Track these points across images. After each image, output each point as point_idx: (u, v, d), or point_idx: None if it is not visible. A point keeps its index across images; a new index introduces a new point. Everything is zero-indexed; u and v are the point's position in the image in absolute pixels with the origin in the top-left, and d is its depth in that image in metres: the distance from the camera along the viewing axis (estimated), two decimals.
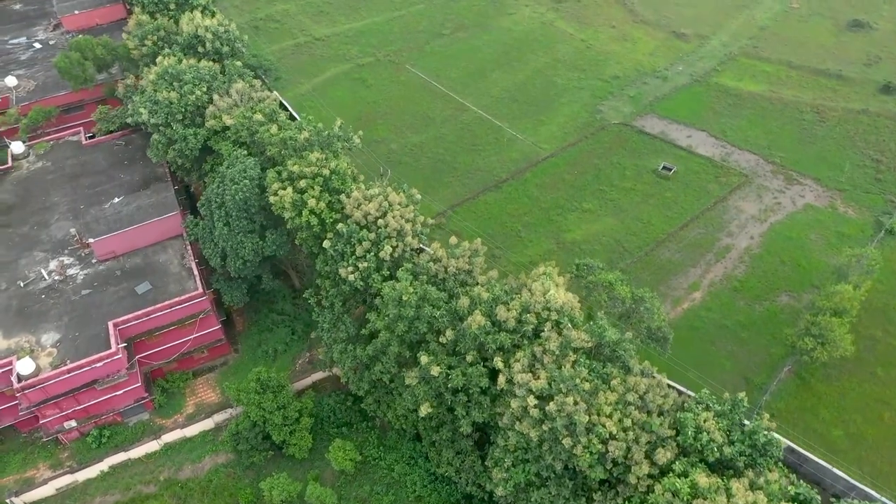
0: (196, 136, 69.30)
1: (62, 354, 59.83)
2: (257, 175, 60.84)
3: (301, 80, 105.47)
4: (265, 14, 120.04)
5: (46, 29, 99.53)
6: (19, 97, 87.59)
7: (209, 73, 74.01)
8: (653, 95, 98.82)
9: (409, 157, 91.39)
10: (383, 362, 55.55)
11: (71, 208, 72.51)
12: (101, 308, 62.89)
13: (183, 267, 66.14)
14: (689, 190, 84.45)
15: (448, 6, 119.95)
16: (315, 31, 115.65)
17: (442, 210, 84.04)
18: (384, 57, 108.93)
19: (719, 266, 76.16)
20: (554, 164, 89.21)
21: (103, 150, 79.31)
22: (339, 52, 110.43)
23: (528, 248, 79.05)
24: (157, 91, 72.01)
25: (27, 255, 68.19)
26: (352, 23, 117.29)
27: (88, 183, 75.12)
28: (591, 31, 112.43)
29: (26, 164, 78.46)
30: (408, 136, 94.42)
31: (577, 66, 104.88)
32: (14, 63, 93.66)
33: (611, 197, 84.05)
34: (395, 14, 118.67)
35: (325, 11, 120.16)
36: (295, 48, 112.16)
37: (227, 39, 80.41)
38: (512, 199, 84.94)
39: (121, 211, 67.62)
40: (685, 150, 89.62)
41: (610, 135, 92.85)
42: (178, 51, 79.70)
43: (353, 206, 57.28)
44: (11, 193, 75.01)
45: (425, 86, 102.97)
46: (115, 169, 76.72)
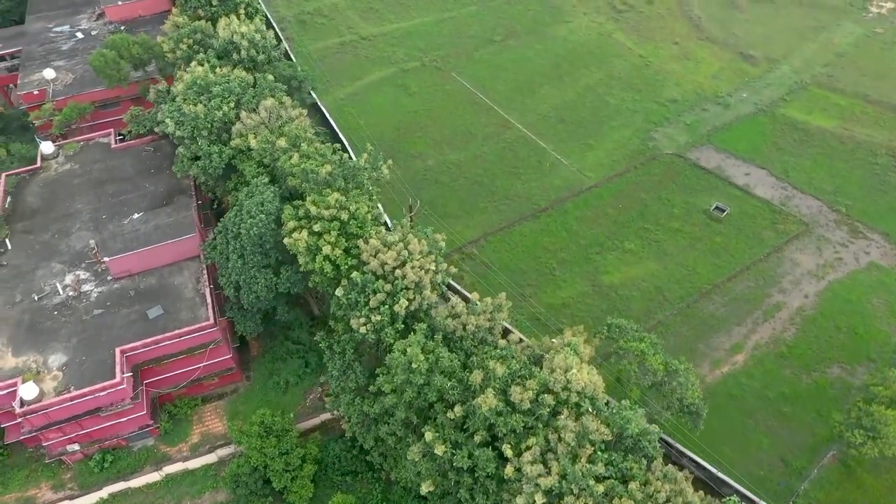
0: (221, 154, 66.62)
1: (67, 379, 58.46)
2: (275, 209, 57.80)
3: (342, 83, 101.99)
4: (314, 8, 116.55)
5: (90, 18, 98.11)
6: (56, 91, 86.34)
7: (240, 85, 71.02)
8: (712, 124, 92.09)
9: (445, 175, 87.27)
10: (390, 423, 52.36)
11: (93, 217, 70.99)
12: (111, 331, 61.27)
13: (197, 292, 63.97)
14: (741, 236, 78.32)
15: (502, 10, 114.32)
16: (362, 29, 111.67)
17: (475, 238, 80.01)
18: (430, 62, 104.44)
19: (767, 326, 70.40)
20: (598, 195, 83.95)
21: (131, 155, 77.50)
22: (384, 55, 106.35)
23: (561, 289, 74.53)
24: (185, 101, 69.47)
25: (45, 266, 67.00)
26: (400, 22, 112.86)
27: (112, 191, 73.45)
28: (652, 46, 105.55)
29: (55, 166, 77.27)
30: (446, 152, 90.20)
31: (632, 86, 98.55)
32: (55, 53, 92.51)
33: (655, 237, 78.55)
34: (446, 15, 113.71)
35: (374, 8, 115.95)
36: (340, 47, 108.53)
37: (262, 47, 77.17)
38: (549, 231, 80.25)
39: (139, 229, 65.68)
40: (741, 190, 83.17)
41: (661, 166, 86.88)
42: (212, 56, 76.90)
43: (370, 254, 53.74)
44: (37, 196, 73.92)
45: (470, 97, 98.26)
46: (141, 177, 74.85)
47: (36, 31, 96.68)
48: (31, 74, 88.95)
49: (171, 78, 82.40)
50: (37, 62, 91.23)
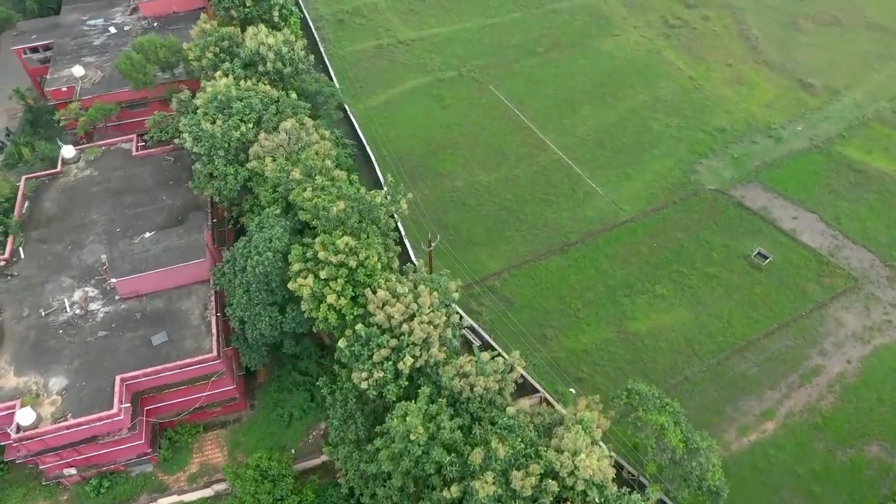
0: (236, 175, 64.21)
1: (66, 405, 57.24)
2: (283, 246, 55.16)
3: (375, 90, 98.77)
4: (352, 7, 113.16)
5: (124, 12, 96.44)
6: (83, 89, 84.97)
7: (262, 102, 68.34)
8: (761, 159, 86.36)
9: (473, 198, 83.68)
10: (387, 487, 49.75)
11: (107, 230, 69.51)
12: (114, 356, 59.82)
13: (203, 320, 62.04)
14: (783, 288, 73.21)
15: (547, 18, 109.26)
16: (400, 32, 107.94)
17: (498, 269, 76.57)
18: (468, 72, 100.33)
19: (803, 392, 65.68)
20: (632, 230, 79.46)
21: (152, 164, 75.72)
22: (420, 61, 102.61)
23: (584, 333, 70.75)
24: (205, 116, 67.13)
25: (55, 280, 65.84)
26: (440, 27, 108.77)
27: (129, 202, 71.82)
28: (703, 67, 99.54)
29: (75, 171, 75.98)
30: (477, 173, 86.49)
31: (678, 110, 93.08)
32: (86, 48, 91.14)
33: (690, 283, 73.95)
34: (488, 21, 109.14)
35: (414, 10, 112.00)
36: (376, 50, 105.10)
37: (289, 59, 74.20)
38: (577, 267, 76.26)
39: (149, 249, 63.87)
40: (787, 235, 77.77)
41: (702, 203, 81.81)
42: (238, 66, 74.31)
43: (377, 306, 50.77)
44: (55, 203, 72.76)
45: (506, 113, 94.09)
46: (159, 188, 73.07)
47: (70, 23, 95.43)
48: (60, 70, 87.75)
49: (198, 81, 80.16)
50: (68, 57, 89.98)
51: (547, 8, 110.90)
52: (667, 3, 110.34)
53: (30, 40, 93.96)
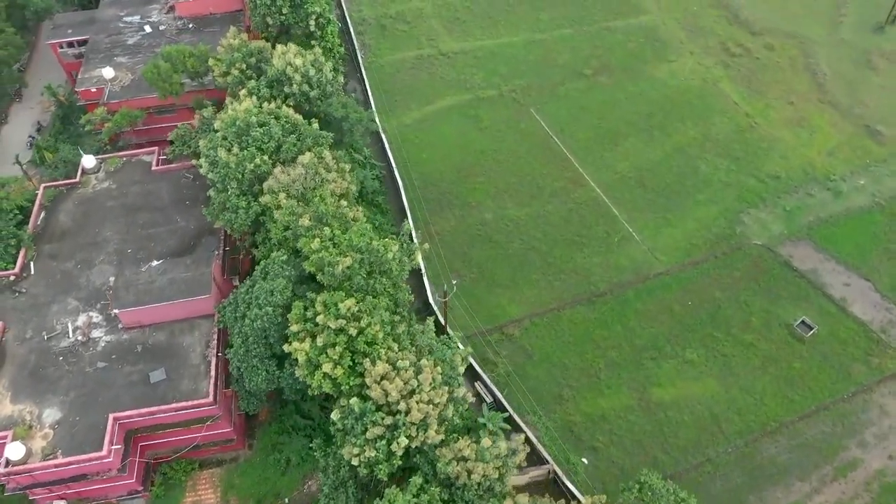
0: (248, 210, 61.46)
1: (57, 440, 55.89)
2: (284, 300, 52.32)
3: (411, 106, 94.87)
4: (396, 11, 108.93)
5: (161, 10, 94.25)
6: (112, 92, 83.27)
7: (283, 129, 65.25)
8: (815, 214, 79.91)
9: (501, 234, 79.57)
10: None
11: (118, 250, 67.80)
12: (110, 391, 58.19)
13: (204, 359, 59.91)
14: (825, 364, 67.57)
15: (599, 37, 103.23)
16: (444, 42, 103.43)
17: (519, 316, 72.66)
18: (508, 92, 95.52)
19: (835, 488, 60.51)
20: (666, 284, 74.45)
21: (170, 180, 73.61)
22: (461, 77, 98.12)
23: (603, 396, 66.57)
24: (222, 142, 64.44)
25: (61, 301, 64.48)
26: (486, 39, 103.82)
27: (144, 221, 69.92)
28: (762, 103, 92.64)
29: (94, 182, 74.38)
30: (507, 206, 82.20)
31: (730, 151, 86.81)
32: (119, 47, 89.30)
33: (723, 350, 68.86)
34: (537, 36, 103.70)
35: (461, 19, 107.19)
36: (416, 61, 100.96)
37: (317, 82, 70.77)
38: (603, 322, 71.79)
39: (154, 280, 61.87)
40: (836, 305, 71.76)
41: (746, 259, 76.11)
42: (264, 85, 71.29)
43: (374, 380, 47.54)
44: (70, 216, 71.35)
45: (544, 141, 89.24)
46: (174, 208, 70.96)
47: (107, 18, 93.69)
48: (92, 69, 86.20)
49: (226, 92, 77.56)
50: (100, 55, 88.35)
51: (601, 26, 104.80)
52: (729, 29, 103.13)
53: (66, 35, 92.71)
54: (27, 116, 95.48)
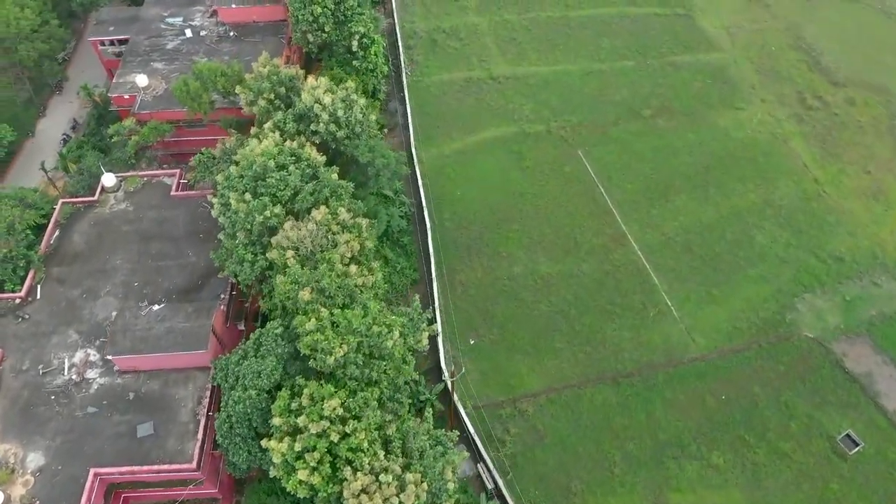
0: (253, 264, 58.13)
1: (36, 489, 54.24)
2: (272, 384, 48.91)
3: (452, 134, 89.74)
4: (450, 25, 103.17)
5: (205, 13, 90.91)
6: (143, 102, 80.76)
7: (303, 174, 61.43)
8: (879, 308, 72.10)
9: (528, 292, 74.48)
10: None
11: (125, 281, 65.61)
12: (96, 440, 56.25)
13: (194, 417, 57.37)
14: (867, 489, 60.91)
15: (663, 73, 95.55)
16: (496, 65, 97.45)
17: (535, 390, 67.91)
18: (557, 129, 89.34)
19: None
20: (700, 372, 68.37)
21: (187, 208, 70.83)
22: (509, 106, 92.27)
23: (615, 495, 61.64)
24: (240, 179, 61.07)
25: (62, 332, 62.71)
26: (541, 64, 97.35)
27: (155, 251, 67.45)
28: (835, 168, 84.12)
29: (111, 202, 72.18)
30: (539, 260, 76.87)
31: (792, 222, 79.12)
32: (157, 51, 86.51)
33: (754, 457, 62.78)
34: (596, 66, 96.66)
35: (517, 39, 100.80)
36: (464, 84, 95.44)
37: (345, 122, 66.40)
38: (626, 407, 66.42)
39: (152, 327, 59.29)
40: (889, 420, 64.61)
41: (793, 353, 69.24)
42: (290, 119, 67.39)
43: (352, 494, 43.78)
44: (84, 237, 69.38)
45: (589, 190, 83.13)
46: (188, 240, 68.23)
47: (149, 18, 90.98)
48: (127, 74, 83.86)
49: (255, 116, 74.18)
50: (138, 59, 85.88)
51: (666, 60, 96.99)
52: (808, 76, 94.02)
53: (107, 32, 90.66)
54: (65, 111, 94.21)
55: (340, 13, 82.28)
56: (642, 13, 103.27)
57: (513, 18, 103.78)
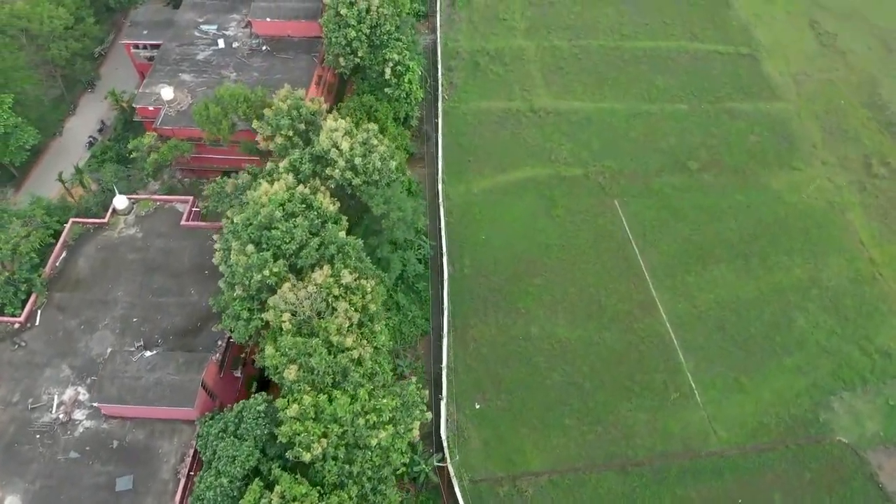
0: (248, 323, 55.42)
1: None
2: (245, 471, 46.19)
3: (484, 171, 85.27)
4: (496, 48, 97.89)
5: (240, 23, 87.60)
6: (167, 117, 78.30)
7: (311, 224, 58.19)
8: None
9: (543, 357, 70.35)
10: None
11: (124, 316, 63.66)
12: (74, 489, 54.59)
13: (174, 475, 55.24)
14: None
15: (717, 121, 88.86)
16: (538, 96, 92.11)
17: (538, 470, 64.11)
18: (595, 174, 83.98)
19: None
20: (717, 469, 63.52)
21: (196, 240, 68.30)
22: (547, 144, 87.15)
23: None
24: (246, 228, 58.18)
25: (56, 365, 61.15)
26: (586, 99, 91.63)
27: (158, 285, 65.27)
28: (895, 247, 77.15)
29: (122, 225, 70.13)
30: (559, 322, 72.46)
31: (839, 306, 72.74)
32: (187, 61, 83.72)
33: None
34: (644, 107, 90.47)
35: (564, 69, 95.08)
36: (502, 115, 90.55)
37: (362, 169, 62.62)
38: (631, 501, 62.11)
39: (141, 377, 57.05)
40: None
41: (823, 459, 63.72)
42: (307, 159, 64.07)
43: None
44: (90, 262, 67.54)
45: (621, 248, 77.95)
46: (191, 277, 65.79)
47: (184, 23, 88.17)
48: (154, 84, 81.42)
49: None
50: (167, 68, 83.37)
51: (723, 106, 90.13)
52: (877, 138, 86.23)
53: (140, 35, 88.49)
54: (95, 110, 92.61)
55: (376, 37, 78.26)
56: (703, 50, 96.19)
57: (562, 45, 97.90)
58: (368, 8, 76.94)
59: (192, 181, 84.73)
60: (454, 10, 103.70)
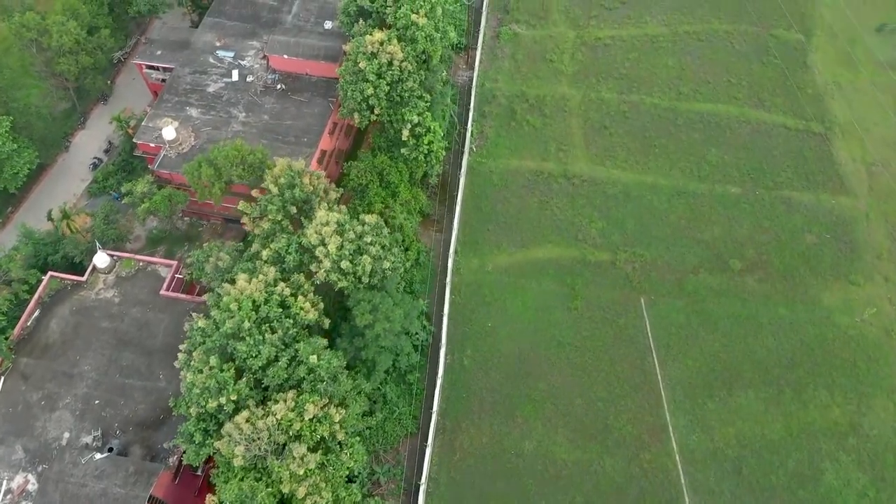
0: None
1: None
2: None
3: (502, 245, 78.07)
4: (536, 94, 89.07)
5: (258, 52, 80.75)
6: (166, 159, 72.91)
7: (285, 335, 52.66)
8: None
9: (534, 480, 64.34)
10: None
11: (87, 395, 59.60)
12: None
13: None
14: None
15: (772, 211, 78.94)
16: (574, 159, 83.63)
17: None
18: (624, 262, 75.94)
19: None
20: None
21: (173, 313, 63.44)
22: (575, 221, 79.12)
23: None
24: (209, 337, 53.10)
25: (10, 445, 57.62)
26: (627, 168, 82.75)
27: (126, 364, 60.83)
28: None
29: (100, 285, 65.76)
30: (557, 440, 66.01)
31: (877, 463, 64.16)
32: (196, 93, 77.57)
33: None
34: (692, 186, 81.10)
35: (608, 128, 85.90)
36: (532, 178, 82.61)
37: (350, 272, 56.25)
38: None
39: (86, 485, 53.08)
40: None
41: None
42: (294, 248, 58.13)
43: None
44: (62, 325, 63.42)
45: (640, 358, 70.37)
46: (163, 358, 60.98)
47: (200, 46, 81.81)
48: (159, 117, 75.91)
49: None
50: (175, 99, 77.69)
51: (780, 194, 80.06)
52: None
53: (153, 56, 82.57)
54: (105, 127, 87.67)
55: (396, 94, 70.90)
56: (768, 121, 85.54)
57: (611, 98, 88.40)
58: (391, 61, 69.47)
59: (191, 221, 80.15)
60: (498, 44, 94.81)
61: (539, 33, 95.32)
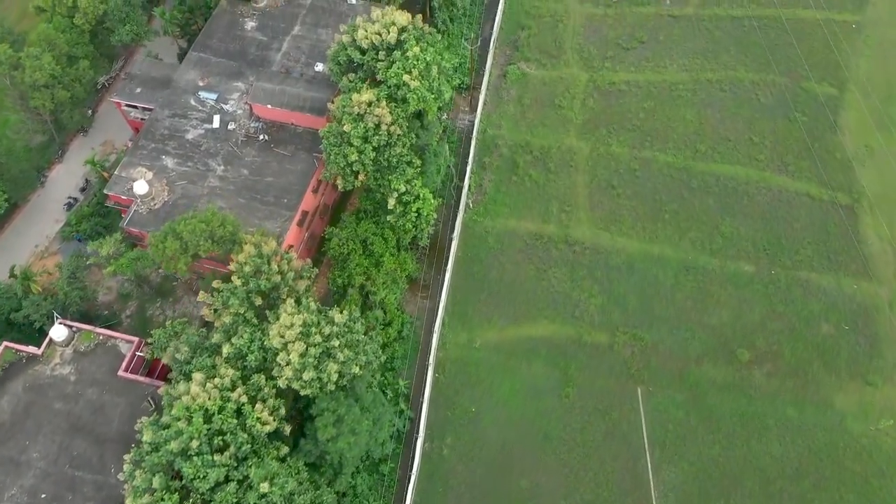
0: None
1: None
2: None
3: (493, 319, 73.12)
4: (541, 145, 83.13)
5: (242, 96, 75.17)
6: (136, 215, 68.17)
7: (239, 450, 48.25)
8: None
9: None
10: None
11: (33, 488, 55.62)
12: None
13: None
14: None
15: (788, 295, 72.85)
16: (577, 221, 77.93)
17: None
18: (622, 345, 70.64)
19: None
20: None
21: (130, 398, 59.09)
22: (573, 294, 73.72)
23: None
24: (155, 454, 48.88)
25: None
26: (633, 236, 76.95)
27: (78, 454, 56.69)
28: None
29: (57, 359, 61.57)
30: None
31: None
32: (174, 140, 72.31)
33: None
34: (701, 260, 75.11)
35: (616, 188, 79.81)
36: (531, 242, 77.13)
37: (315, 382, 51.40)
38: None
39: None
40: None
41: None
42: (257, 347, 53.47)
43: None
44: (13, 404, 59.35)
45: (632, 458, 65.46)
46: (116, 448, 56.58)
47: (182, 86, 76.09)
48: (133, 165, 71.07)
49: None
50: (150, 146, 72.63)
51: (797, 275, 73.86)
52: None
53: (133, 94, 77.50)
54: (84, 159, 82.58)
55: (383, 159, 65.49)
56: (790, 188, 78.98)
57: (622, 153, 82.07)
58: (378, 124, 63.91)
59: (165, 274, 75.58)
60: (504, 84, 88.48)
61: (549, 74, 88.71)
